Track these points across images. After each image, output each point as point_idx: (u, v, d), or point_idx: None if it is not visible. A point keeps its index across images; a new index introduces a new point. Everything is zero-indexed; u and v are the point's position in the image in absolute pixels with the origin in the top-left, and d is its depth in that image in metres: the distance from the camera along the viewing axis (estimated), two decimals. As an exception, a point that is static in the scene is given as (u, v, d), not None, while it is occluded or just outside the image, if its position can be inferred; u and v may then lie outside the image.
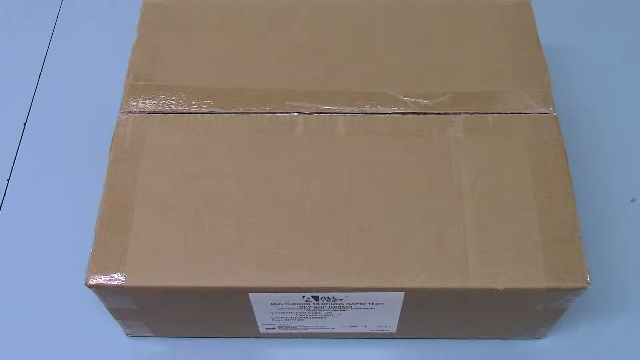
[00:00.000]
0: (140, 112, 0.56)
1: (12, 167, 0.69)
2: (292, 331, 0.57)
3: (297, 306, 0.52)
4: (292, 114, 0.56)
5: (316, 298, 0.51)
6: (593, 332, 0.60)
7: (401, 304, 0.51)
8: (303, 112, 0.56)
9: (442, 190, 0.52)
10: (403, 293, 0.50)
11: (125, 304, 0.52)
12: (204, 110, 0.56)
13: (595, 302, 0.60)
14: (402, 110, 0.56)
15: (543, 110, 0.56)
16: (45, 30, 0.79)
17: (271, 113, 0.56)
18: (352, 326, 0.56)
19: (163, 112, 0.56)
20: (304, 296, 0.50)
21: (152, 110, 0.56)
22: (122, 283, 0.49)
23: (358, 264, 0.49)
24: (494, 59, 0.58)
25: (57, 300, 0.61)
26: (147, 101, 0.56)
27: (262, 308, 0.52)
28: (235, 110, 0.56)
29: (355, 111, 0.56)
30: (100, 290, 0.49)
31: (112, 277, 0.49)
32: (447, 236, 0.50)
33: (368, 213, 0.51)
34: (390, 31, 0.60)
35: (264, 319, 0.54)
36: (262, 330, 0.57)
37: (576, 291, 0.49)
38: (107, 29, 0.79)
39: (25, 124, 0.72)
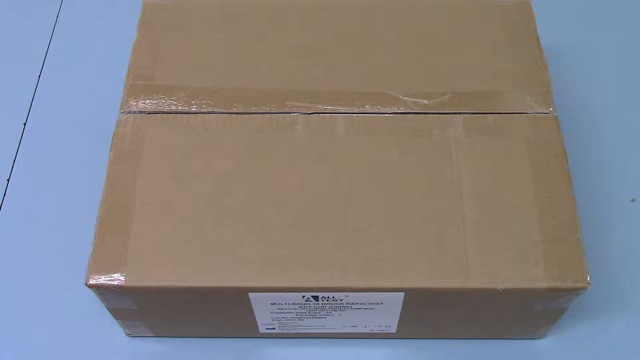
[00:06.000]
0: (140, 112, 0.56)
1: (12, 167, 0.69)
2: (292, 331, 0.57)
3: (297, 306, 0.52)
4: (292, 114, 0.56)
5: (316, 298, 0.51)
6: (593, 332, 0.60)
7: (401, 304, 0.51)
8: (303, 112, 0.56)
9: (442, 190, 0.52)
10: (403, 293, 0.50)
11: (125, 304, 0.52)
12: (204, 110, 0.56)
13: (595, 302, 0.60)
14: (402, 110, 0.56)
15: (543, 110, 0.56)
16: (45, 30, 0.79)
17: (271, 113, 0.56)
18: (352, 326, 0.56)
19: (163, 112, 0.56)
20: (304, 296, 0.50)
21: (152, 110, 0.56)
22: (122, 283, 0.49)
23: (358, 264, 0.49)
24: (494, 59, 0.58)
25: (57, 300, 0.61)
26: (147, 101, 0.56)
27: (262, 308, 0.52)
28: (235, 110, 0.56)
29: (355, 111, 0.56)
30: (100, 290, 0.49)
31: (112, 277, 0.49)
32: (447, 236, 0.50)
33: (368, 213, 0.51)
34: (390, 31, 0.60)
35: (264, 319, 0.55)
36: (262, 330, 0.57)
37: (576, 291, 0.49)
38: (107, 29, 0.79)
39: (25, 124, 0.72)
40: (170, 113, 0.56)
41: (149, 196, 0.52)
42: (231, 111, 0.56)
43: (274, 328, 0.56)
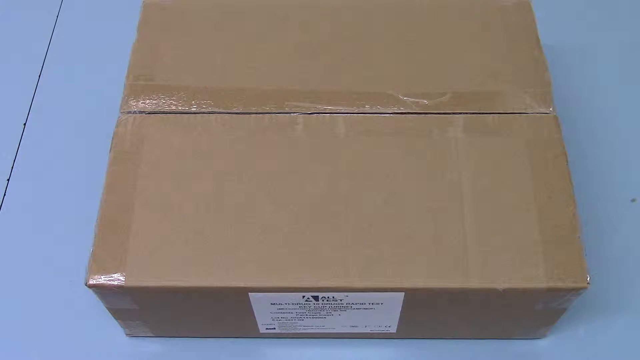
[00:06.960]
0: (140, 112, 0.56)
1: (12, 167, 0.69)
2: (292, 331, 0.57)
3: (297, 306, 0.52)
4: (292, 114, 0.56)
5: (316, 298, 0.51)
6: (593, 332, 0.60)
7: (401, 304, 0.51)
8: (303, 112, 0.56)
9: (442, 190, 0.52)
10: (403, 293, 0.50)
11: (125, 304, 0.52)
12: (204, 110, 0.56)
13: (595, 302, 0.60)
14: (402, 110, 0.56)
15: (543, 110, 0.56)
16: (45, 30, 0.79)
17: (271, 113, 0.56)
18: (352, 326, 0.56)
19: (163, 112, 0.56)
20: (304, 296, 0.50)
21: (152, 110, 0.56)
22: (122, 283, 0.49)
23: (358, 264, 0.49)
24: (494, 59, 0.58)
25: (57, 300, 0.61)
26: (147, 101, 0.56)
27: (262, 308, 0.52)
28: (235, 110, 0.56)
29: (355, 111, 0.56)
30: (100, 290, 0.50)
31: (112, 277, 0.49)
32: (447, 236, 0.50)
33: (368, 213, 0.51)
34: (390, 31, 0.60)
35: (264, 319, 0.55)
36: (262, 330, 0.57)
37: (576, 291, 0.49)
38: (107, 29, 0.79)
39: (25, 124, 0.72)
40: (170, 113, 0.56)
41: (149, 196, 0.52)
42: (231, 111, 0.56)
43: (274, 328, 0.56)
